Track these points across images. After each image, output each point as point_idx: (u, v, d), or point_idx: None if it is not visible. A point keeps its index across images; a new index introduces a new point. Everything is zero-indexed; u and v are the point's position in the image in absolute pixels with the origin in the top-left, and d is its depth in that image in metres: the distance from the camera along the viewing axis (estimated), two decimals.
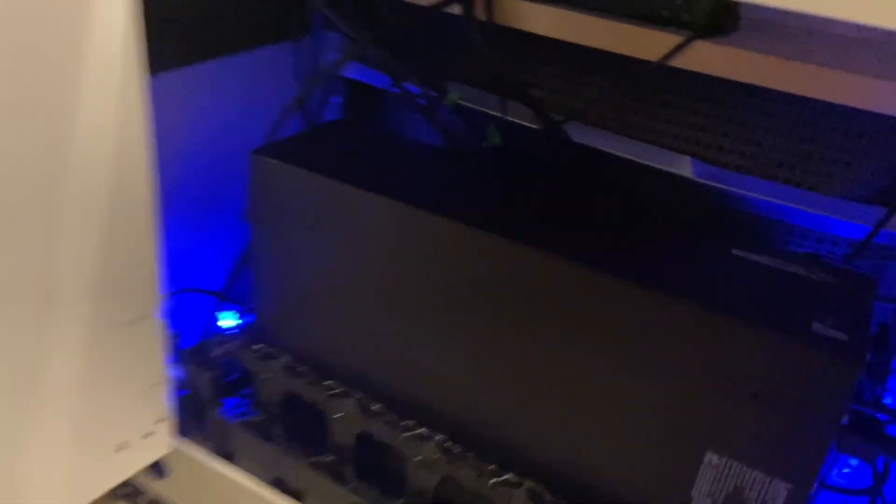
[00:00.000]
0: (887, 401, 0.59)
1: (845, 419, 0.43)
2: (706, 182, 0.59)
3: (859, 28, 0.38)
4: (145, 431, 0.63)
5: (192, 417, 0.67)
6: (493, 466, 0.55)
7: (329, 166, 0.57)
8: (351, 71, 0.72)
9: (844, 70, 0.51)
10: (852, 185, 0.57)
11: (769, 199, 0.58)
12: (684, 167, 0.60)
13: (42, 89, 0.45)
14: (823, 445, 0.43)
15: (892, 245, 0.55)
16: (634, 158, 0.61)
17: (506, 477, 0.55)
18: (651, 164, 0.60)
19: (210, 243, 0.75)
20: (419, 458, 0.57)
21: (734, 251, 0.51)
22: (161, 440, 0.66)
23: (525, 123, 0.62)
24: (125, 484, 0.72)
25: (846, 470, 0.65)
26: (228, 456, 0.66)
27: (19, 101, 0.44)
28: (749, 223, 0.60)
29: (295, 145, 0.60)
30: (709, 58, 0.53)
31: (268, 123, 0.64)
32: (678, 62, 0.54)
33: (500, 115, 0.61)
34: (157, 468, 0.70)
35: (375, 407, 0.60)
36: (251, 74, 0.67)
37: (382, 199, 0.54)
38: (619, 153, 0.61)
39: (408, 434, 0.57)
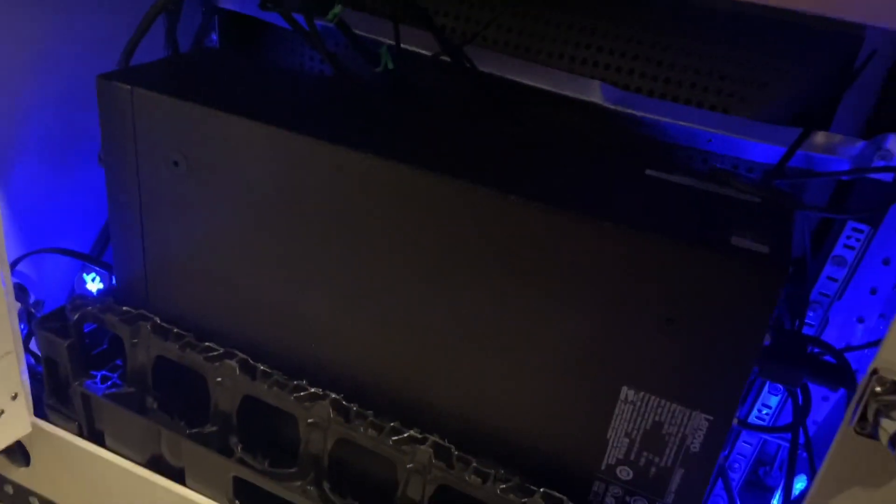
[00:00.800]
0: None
1: (767, 340, 0.39)
2: (617, 108, 0.55)
3: None
4: None
5: (52, 394, 0.59)
6: (394, 424, 0.50)
7: (197, 92, 0.49)
8: (227, 1, 0.64)
9: None
10: (768, 106, 0.53)
11: (683, 123, 0.54)
12: (594, 93, 0.55)
13: None
14: (745, 370, 0.39)
15: (810, 167, 0.52)
16: (540, 85, 0.56)
17: (408, 433, 0.49)
18: (558, 90, 0.56)
19: (75, 196, 0.66)
20: (312, 420, 0.51)
21: (648, 171, 0.47)
22: (17, 419, 0.57)
23: (420, 50, 0.57)
24: None
25: (765, 411, 0.63)
26: (97, 435, 0.59)
27: None
28: (663, 149, 0.56)
29: (154, 70, 0.52)
30: None
31: None
32: None
33: (392, 40, 0.55)
34: (20, 453, 0.61)
35: (261, 367, 0.53)
36: None
37: (259, 126, 0.47)
38: (523, 80, 0.56)
39: (298, 395, 0.51)
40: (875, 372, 0.31)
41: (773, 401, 0.62)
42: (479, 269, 0.44)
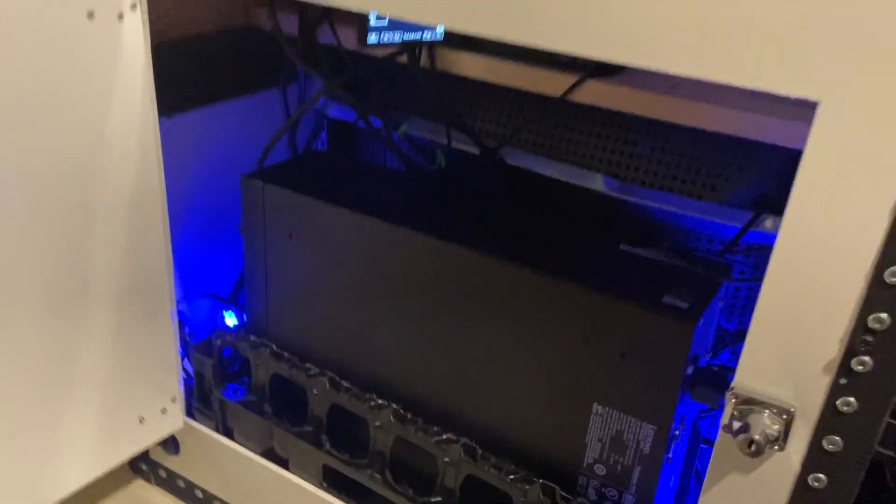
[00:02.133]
0: None
1: (690, 370, 0.54)
2: (615, 194, 0.72)
3: None
4: (161, 407, 0.77)
5: (199, 400, 0.81)
6: (436, 428, 0.68)
7: (305, 187, 0.71)
8: (333, 111, 0.86)
9: (712, 103, 0.64)
10: (731, 193, 0.68)
11: (665, 207, 0.70)
12: (597, 182, 0.72)
13: (79, 130, 0.60)
14: (674, 392, 0.55)
15: (763, 242, 0.67)
16: (556, 176, 0.73)
17: (446, 436, 0.67)
18: (570, 180, 0.73)
19: (219, 256, 0.90)
20: (378, 423, 0.69)
21: (622, 247, 0.63)
22: (175, 416, 0.79)
23: (467, 149, 0.76)
24: (144, 461, 0.86)
25: None
26: (229, 432, 0.79)
27: (65, 141, 0.59)
28: (652, 227, 0.71)
29: (279, 170, 0.74)
30: (603, 94, 0.66)
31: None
32: (581, 97, 0.67)
33: (445, 142, 0.74)
34: (173, 444, 0.83)
35: (345, 384, 0.72)
36: (247, 115, 0.83)
37: (348, 212, 0.68)
38: (544, 172, 0.74)
39: (369, 404, 0.70)
40: (731, 389, 0.46)
41: None
42: (495, 319, 0.62)
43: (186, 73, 0.76)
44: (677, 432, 0.57)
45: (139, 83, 0.64)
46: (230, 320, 0.85)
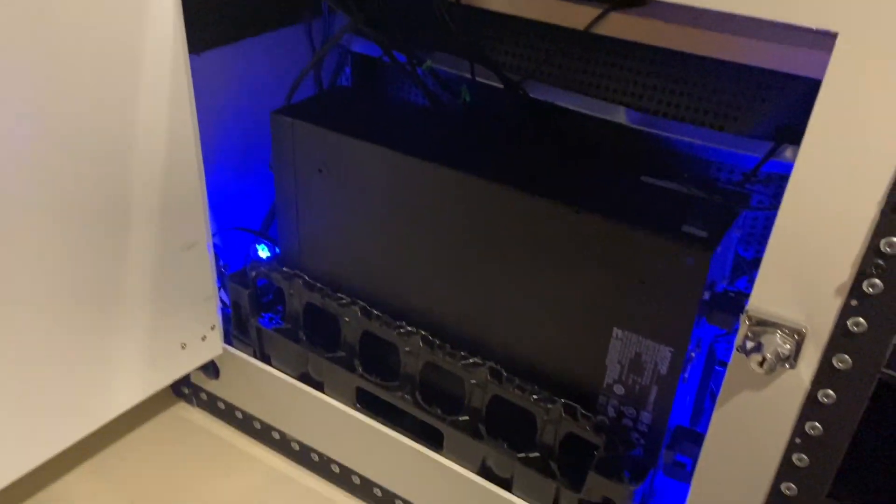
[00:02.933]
0: None
1: (707, 296, 0.57)
2: (638, 126, 0.73)
3: None
4: (202, 335, 0.82)
5: (237, 328, 0.85)
6: (463, 353, 0.71)
7: (334, 122, 0.73)
8: (357, 45, 0.87)
9: (736, 34, 0.64)
10: (752, 124, 0.69)
11: (688, 139, 0.71)
12: (620, 115, 0.73)
13: (115, 71, 0.62)
14: (691, 316, 0.57)
15: (783, 172, 0.68)
16: (579, 109, 0.74)
17: (472, 360, 0.70)
18: (593, 113, 0.74)
19: (251, 191, 0.93)
20: (408, 349, 0.73)
21: (643, 178, 0.65)
22: (214, 343, 0.84)
23: (490, 83, 0.77)
24: (186, 385, 0.91)
25: None
26: (266, 357, 0.84)
27: (101, 82, 0.62)
28: (673, 159, 0.73)
29: (307, 106, 0.76)
30: (627, 26, 0.67)
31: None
32: (604, 29, 0.68)
33: (470, 77, 0.75)
34: (213, 369, 0.88)
35: (375, 312, 0.76)
36: (273, 51, 0.84)
37: (376, 147, 0.70)
38: (567, 105, 0.75)
39: (399, 331, 0.74)
40: (746, 311, 0.49)
41: None
42: (519, 249, 0.64)
43: (213, 10, 0.78)
44: (693, 355, 0.60)
45: (169, 21, 0.65)
46: (262, 252, 0.88)
